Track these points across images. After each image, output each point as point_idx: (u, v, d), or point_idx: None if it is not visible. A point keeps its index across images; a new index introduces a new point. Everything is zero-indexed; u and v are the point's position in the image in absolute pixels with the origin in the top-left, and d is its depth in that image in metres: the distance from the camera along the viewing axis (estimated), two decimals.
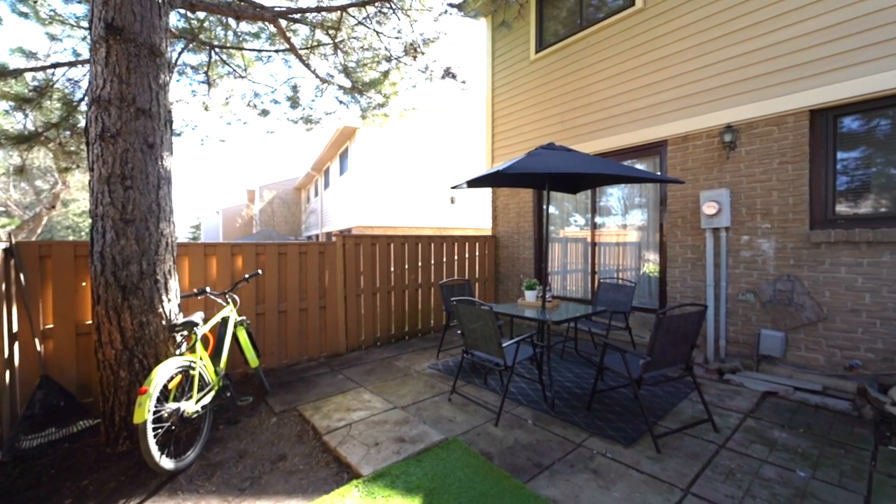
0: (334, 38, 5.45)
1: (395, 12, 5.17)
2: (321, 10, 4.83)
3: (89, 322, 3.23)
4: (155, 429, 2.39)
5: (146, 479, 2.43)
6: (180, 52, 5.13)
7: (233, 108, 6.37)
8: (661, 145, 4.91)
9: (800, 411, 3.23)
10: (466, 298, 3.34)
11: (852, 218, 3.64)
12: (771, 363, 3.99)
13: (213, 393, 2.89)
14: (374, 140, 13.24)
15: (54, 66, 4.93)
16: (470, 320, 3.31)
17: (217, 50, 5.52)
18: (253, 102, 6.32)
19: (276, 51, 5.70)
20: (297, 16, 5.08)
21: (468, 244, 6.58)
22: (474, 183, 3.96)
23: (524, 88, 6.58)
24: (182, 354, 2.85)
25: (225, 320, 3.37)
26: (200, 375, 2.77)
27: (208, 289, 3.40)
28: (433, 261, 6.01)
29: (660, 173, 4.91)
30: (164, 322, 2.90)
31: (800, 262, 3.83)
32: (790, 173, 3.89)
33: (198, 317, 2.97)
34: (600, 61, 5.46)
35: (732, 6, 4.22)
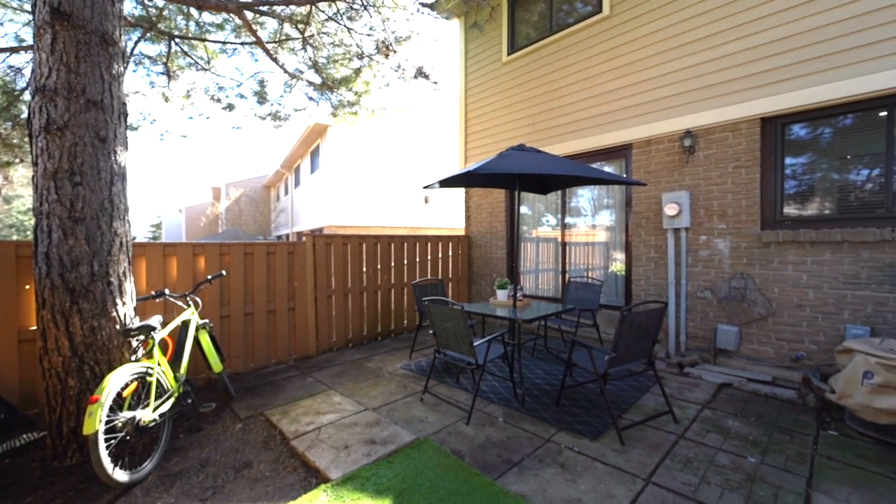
0: (303, 33, 5.33)
1: (366, 9, 5.10)
2: (289, 2, 4.70)
3: (34, 328, 3.01)
4: (108, 439, 2.26)
5: (98, 493, 2.29)
6: (137, 42, 4.86)
7: (195, 101, 6.10)
8: (627, 148, 5.09)
9: (752, 401, 3.44)
10: (438, 298, 3.34)
11: (798, 219, 3.90)
12: (727, 356, 4.22)
13: (172, 400, 2.75)
14: (346, 138, 13.02)
15: None
16: (442, 320, 3.32)
17: (178, 40, 5.27)
18: (217, 96, 6.07)
19: (242, 43, 5.51)
20: (264, 8, 4.92)
21: (441, 244, 6.59)
22: (446, 183, 3.97)
23: (497, 90, 6.66)
24: (138, 360, 2.70)
25: (186, 324, 3.22)
26: (158, 382, 2.64)
27: (167, 291, 3.24)
28: (406, 261, 5.98)
29: (626, 175, 5.09)
30: (118, 326, 2.74)
31: (752, 260, 4.07)
32: (744, 177, 4.12)
33: (156, 320, 2.82)
34: (570, 65, 5.60)
35: (691, 17, 4.44)
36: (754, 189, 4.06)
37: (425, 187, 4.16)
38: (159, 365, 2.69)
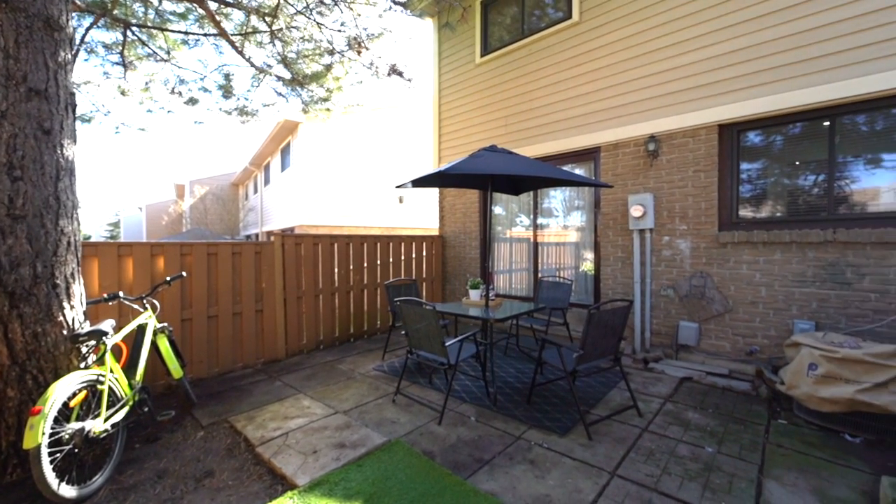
0: (271, 26, 5.16)
1: (337, 4, 5.00)
2: None
3: None
4: (53, 453, 2.10)
5: None
6: (88, 28, 4.56)
7: (154, 94, 5.79)
8: (595, 151, 5.24)
9: (710, 393, 3.61)
10: (410, 298, 3.32)
11: (752, 221, 4.14)
12: (688, 351, 4.42)
13: (126, 409, 2.60)
14: (318, 136, 12.73)
15: None
16: (414, 320, 3.30)
17: (135, 29, 4.98)
18: (178, 89, 5.79)
19: (206, 35, 5.28)
20: None
21: (415, 244, 6.55)
22: (419, 182, 3.95)
23: (470, 91, 6.69)
24: (88, 367, 2.53)
25: (142, 328, 3.05)
26: (111, 390, 2.48)
27: (122, 293, 3.05)
28: (380, 261, 5.91)
29: (595, 178, 5.24)
30: (65, 332, 2.55)
31: (710, 260, 4.28)
32: (703, 180, 4.33)
33: (108, 325, 2.65)
34: (542, 69, 5.70)
35: (653, 27, 4.62)
36: (712, 192, 4.27)
37: (398, 186, 4.13)
38: (112, 372, 2.53)
